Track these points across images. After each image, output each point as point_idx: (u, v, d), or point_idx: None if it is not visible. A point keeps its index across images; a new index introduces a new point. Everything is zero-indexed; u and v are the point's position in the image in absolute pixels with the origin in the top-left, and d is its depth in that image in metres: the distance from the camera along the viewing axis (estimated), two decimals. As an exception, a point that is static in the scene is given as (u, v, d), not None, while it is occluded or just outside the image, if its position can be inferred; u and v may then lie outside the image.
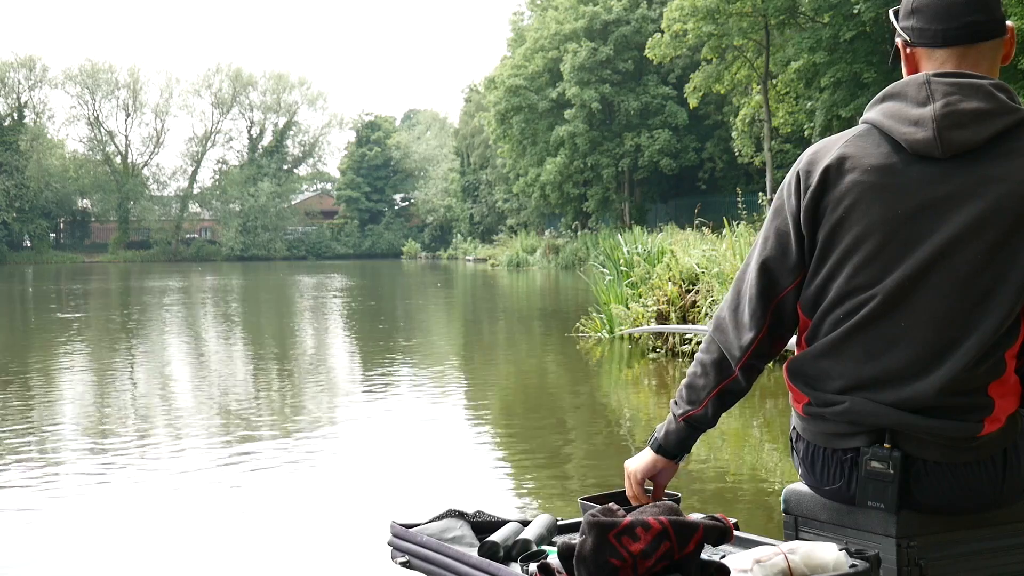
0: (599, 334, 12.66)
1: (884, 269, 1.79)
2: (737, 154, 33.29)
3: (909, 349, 1.77)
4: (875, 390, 1.79)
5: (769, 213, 1.96)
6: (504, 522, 2.01)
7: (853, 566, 1.64)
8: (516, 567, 1.78)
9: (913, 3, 1.87)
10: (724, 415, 2.04)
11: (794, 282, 1.89)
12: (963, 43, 1.83)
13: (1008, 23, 1.86)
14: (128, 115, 76.04)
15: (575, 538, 1.66)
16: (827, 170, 1.84)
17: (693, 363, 2.01)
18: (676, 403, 2.01)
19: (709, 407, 1.97)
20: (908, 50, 1.89)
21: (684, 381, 2.02)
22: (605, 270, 14.93)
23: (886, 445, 1.79)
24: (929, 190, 1.78)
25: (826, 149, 1.88)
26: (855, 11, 23.22)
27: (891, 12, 1.93)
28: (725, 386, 1.96)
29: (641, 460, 2.05)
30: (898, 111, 1.82)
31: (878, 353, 1.79)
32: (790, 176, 1.92)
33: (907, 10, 1.89)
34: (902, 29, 1.90)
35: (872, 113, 1.87)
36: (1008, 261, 1.74)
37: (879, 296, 1.79)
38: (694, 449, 2.08)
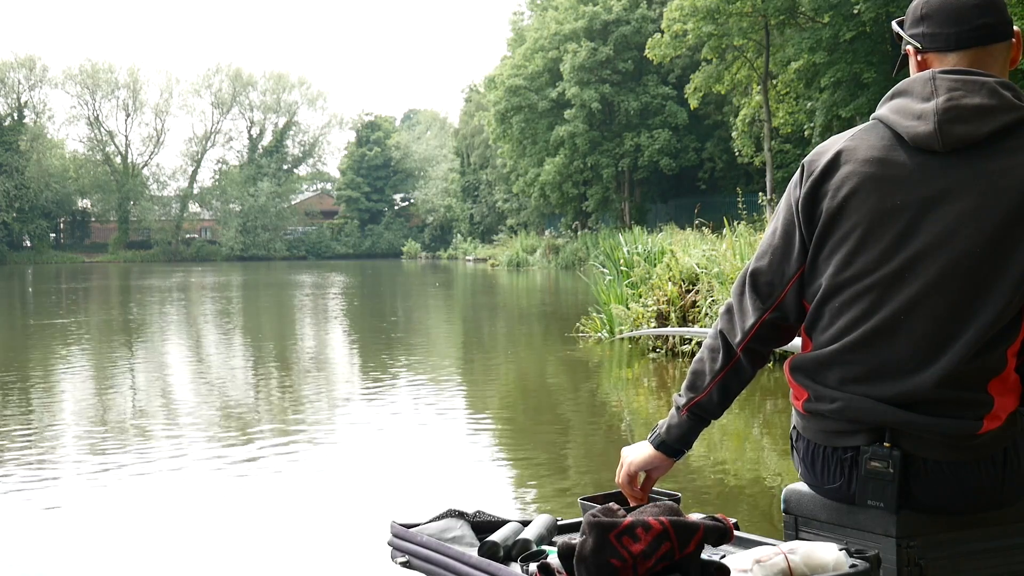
0: (599, 334, 12.66)
1: (880, 259, 1.80)
2: (737, 154, 33.27)
3: (908, 341, 1.78)
4: (874, 383, 1.80)
5: (779, 205, 2.00)
6: (504, 522, 2.01)
7: (853, 566, 1.64)
8: (516, 567, 1.78)
9: (922, 10, 1.89)
10: (725, 414, 2.04)
11: (797, 272, 1.91)
12: (975, 46, 1.85)
13: (1015, 27, 1.88)
14: (128, 115, 76.07)
15: (575, 538, 1.66)
16: (828, 161, 1.87)
17: (698, 354, 2.02)
18: (679, 395, 2.01)
19: (714, 392, 1.97)
20: (919, 56, 1.91)
21: (689, 370, 2.02)
22: (605, 270, 14.91)
23: (886, 444, 1.79)
24: (927, 182, 1.79)
25: (832, 142, 1.92)
26: (855, 11, 23.23)
27: (895, 23, 1.95)
28: (729, 369, 1.96)
29: (639, 453, 2.04)
30: (904, 106, 1.84)
31: (877, 346, 1.80)
32: (798, 169, 1.96)
33: (915, 17, 1.90)
34: (911, 36, 1.91)
35: (881, 109, 1.90)
36: (1007, 254, 1.74)
37: (876, 287, 1.80)
38: (694, 448, 2.07)
